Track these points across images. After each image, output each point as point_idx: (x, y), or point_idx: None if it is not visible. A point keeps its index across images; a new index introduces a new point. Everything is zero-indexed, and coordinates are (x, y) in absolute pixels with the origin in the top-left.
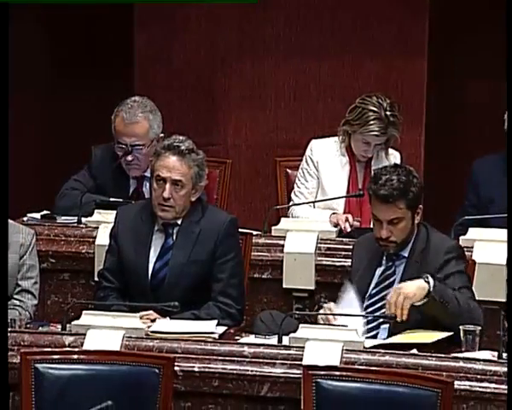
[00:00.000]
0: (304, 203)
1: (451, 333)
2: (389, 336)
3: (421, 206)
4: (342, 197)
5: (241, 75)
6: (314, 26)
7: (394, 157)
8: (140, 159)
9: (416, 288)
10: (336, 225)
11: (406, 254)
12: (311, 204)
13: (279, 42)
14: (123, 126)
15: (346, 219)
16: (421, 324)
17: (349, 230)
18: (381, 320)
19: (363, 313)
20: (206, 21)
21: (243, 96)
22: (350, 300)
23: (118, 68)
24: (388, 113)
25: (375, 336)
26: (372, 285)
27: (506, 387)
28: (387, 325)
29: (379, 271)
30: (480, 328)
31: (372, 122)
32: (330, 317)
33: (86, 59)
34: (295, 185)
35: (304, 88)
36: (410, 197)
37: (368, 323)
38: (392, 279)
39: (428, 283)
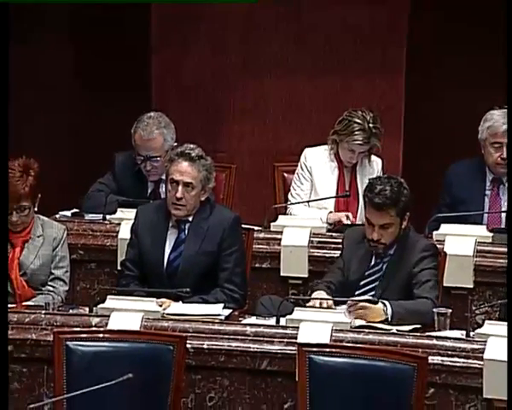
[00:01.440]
0: (299, 203)
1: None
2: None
3: (408, 213)
4: (332, 198)
5: (243, 91)
6: (308, 49)
7: (376, 163)
8: (157, 167)
9: (376, 315)
10: (335, 221)
11: (392, 253)
12: (306, 204)
13: (277, 62)
14: (141, 142)
15: (347, 217)
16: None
17: (347, 222)
18: None
19: (350, 298)
20: (213, 45)
21: (245, 109)
22: None
23: (137, 86)
24: (371, 125)
25: None
26: (362, 282)
27: (473, 361)
28: None
29: (369, 268)
30: (450, 311)
31: (357, 133)
32: (323, 302)
33: (110, 77)
34: (291, 187)
35: (299, 103)
36: (400, 206)
37: None
38: (378, 275)
39: (387, 314)
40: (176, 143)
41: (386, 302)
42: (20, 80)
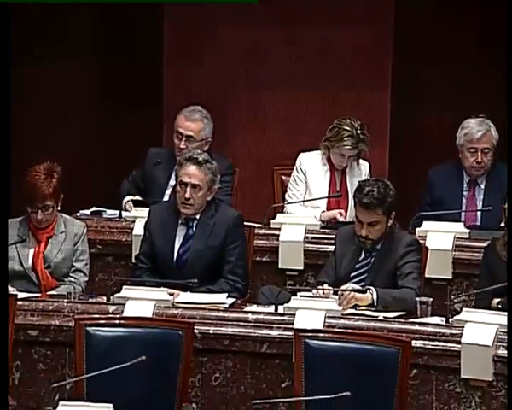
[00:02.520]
0: (295, 202)
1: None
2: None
3: (394, 212)
4: (325, 198)
5: (246, 103)
6: (303, 66)
7: (364, 167)
8: (189, 148)
9: (364, 301)
10: (330, 219)
11: (379, 247)
12: (301, 203)
13: (276, 77)
14: (183, 121)
15: (341, 214)
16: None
17: (341, 219)
18: None
19: (344, 288)
20: (219, 60)
21: (248, 119)
22: None
23: (150, 98)
24: (359, 131)
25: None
26: (353, 274)
27: (452, 344)
28: None
29: (358, 262)
30: (431, 299)
31: (346, 139)
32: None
33: (127, 89)
34: (288, 188)
35: (294, 113)
36: (386, 206)
37: None
38: (367, 267)
39: (373, 299)
40: (210, 140)
41: (373, 289)
42: (47, 93)
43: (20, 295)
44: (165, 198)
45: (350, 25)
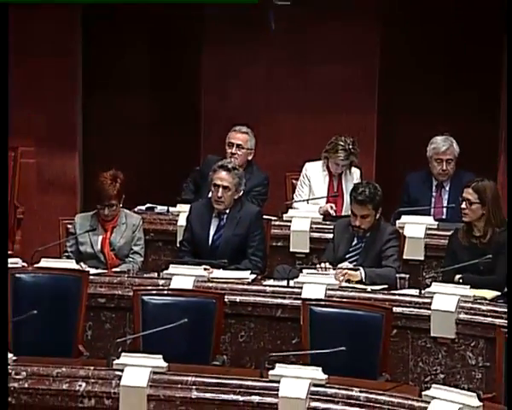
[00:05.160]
0: (301, 201)
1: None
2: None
3: (380, 208)
4: (324, 197)
5: (266, 124)
6: (308, 94)
7: (356, 173)
8: (238, 156)
9: (355, 277)
10: (325, 211)
11: (368, 235)
12: (306, 201)
13: (287, 104)
14: (234, 134)
15: (331, 207)
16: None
17: (332, 212)
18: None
19: (340, 267)
20: (245, 90)
21: (267, 136)
22: None
23: (191, 121)
24: (350, 147)
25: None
26: (347, 256)
27: (424, 310)
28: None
29: (352, 245)
30: (408, 276)
31: (340, 152)
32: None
33: (174, 114)
34: (296, 190)
35: (302, 132)
36: (375, 203)
37: None
38: (358, 251)
39: (361, 275)
40: (253, 151)
41: (362, 269)
42: (114, 116)
43: (92, 271)
44: (210, 194)
45: (345, 62)
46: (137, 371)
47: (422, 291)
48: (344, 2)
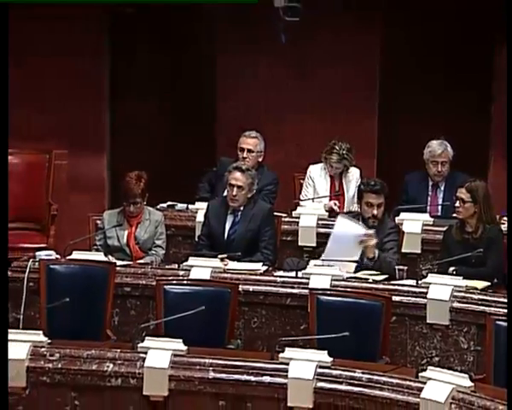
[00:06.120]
0: (307, 199)
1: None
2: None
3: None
4: (327, 196)
5: (275, 130)
6: (311, 100)
7: (355, 172)
8: (249, 159)
9: (371, 247)
10: (330, 208)
11: (376, 224)
12: (311, 200)
13: (292, 109)
14: (245, 139)
15: (335, 204)
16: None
17: (336, 209)
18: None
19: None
20: (255, 95)
21: (275, 141)
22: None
23: (206, 124)
24: (344, 152)
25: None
26: None
27: (421, 299)
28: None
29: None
30: (406, 267)
31: (334, 156)
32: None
33: (190, 118)
34: (302, 191)
35: (307, 136)
36: (385, 193)
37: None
38: None
39: (375, 253)
40: (263, 154)
41: (377, 250)
42: (139, 122)
43: (118, 263)
44: (225, 193)
45: (346, 64)
46: (160, 353)
47: (419, 282)
48: (344, 4)
